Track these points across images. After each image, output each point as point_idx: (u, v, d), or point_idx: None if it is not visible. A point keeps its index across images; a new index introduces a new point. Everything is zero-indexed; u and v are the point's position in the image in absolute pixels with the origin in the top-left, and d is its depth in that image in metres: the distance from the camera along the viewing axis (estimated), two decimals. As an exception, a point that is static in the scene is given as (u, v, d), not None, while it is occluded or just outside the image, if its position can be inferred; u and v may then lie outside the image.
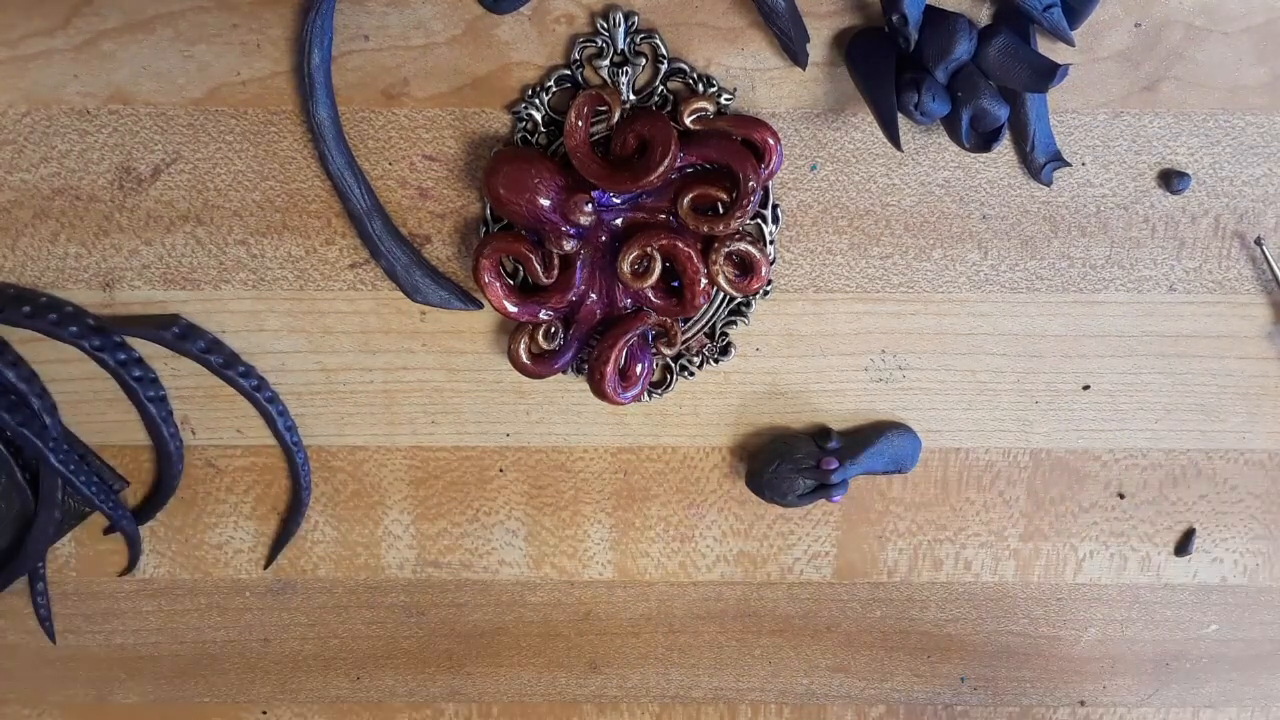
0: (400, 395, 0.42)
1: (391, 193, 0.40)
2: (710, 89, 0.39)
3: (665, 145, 0.38)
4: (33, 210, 0.40)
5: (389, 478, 0.44)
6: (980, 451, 0.43)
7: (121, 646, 0.46)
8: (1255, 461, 0.43)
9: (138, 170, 0.40)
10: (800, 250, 0.41)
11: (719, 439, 0.43)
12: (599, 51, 0.38)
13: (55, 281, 0.41)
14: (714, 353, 0.42)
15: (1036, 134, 0.39)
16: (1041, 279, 0.41)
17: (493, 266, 0.39)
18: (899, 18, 0.36)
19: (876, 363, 0.42)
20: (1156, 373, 0.42)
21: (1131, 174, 0.40)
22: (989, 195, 0.40)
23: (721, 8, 0.38)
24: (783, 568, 0.45)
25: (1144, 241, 0.41)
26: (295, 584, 0.45)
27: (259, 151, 0.40)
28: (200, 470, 0.43)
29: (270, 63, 0.39)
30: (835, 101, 0.39)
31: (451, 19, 0.39)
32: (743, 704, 0.46)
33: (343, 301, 0.41)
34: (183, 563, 0.45)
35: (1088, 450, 0.43)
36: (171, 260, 0.41)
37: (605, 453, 0.43)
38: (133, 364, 0.41)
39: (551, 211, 0.38)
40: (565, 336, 0.41)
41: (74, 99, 0.39)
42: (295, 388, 0.42)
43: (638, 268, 0.39)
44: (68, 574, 0.45)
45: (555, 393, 0.43)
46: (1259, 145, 0.40)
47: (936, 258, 0.41)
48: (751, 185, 0.38)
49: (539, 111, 0.39)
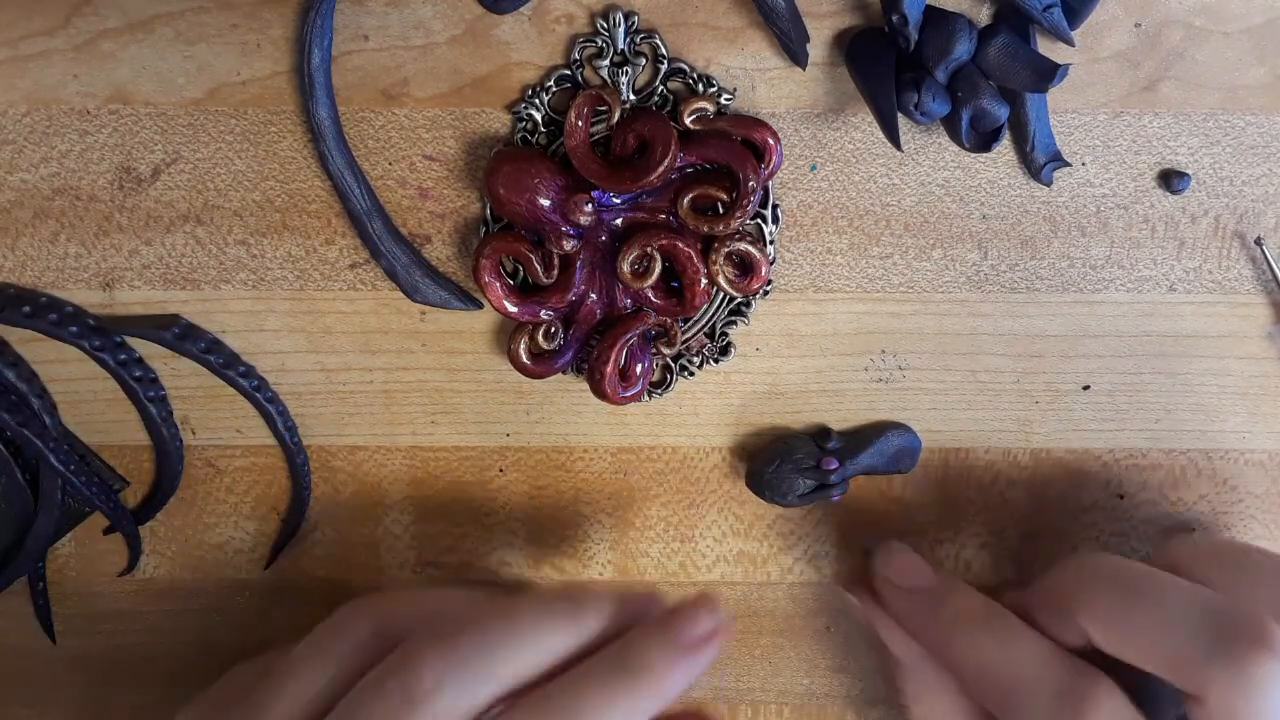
0: (400, 395, 0.42)
1: (391, 193, 0.40)
2: (710, 89, 0.39)
3: (665, 145, 0.38)
4: (33, 210, 0.40)
5: (389, 478, 0.44)
6: (980, 451, 0.43)
7: (121, 646, 0.46)
8: (1255, 461, 0.43)
9: (138, 170, 0.40)
10: (800, 250, 0.41)
11: (719, 439, 0.43)
12: (599, 51, 0.38)
13: (55, 281, 0.41)
14: (714, 353, 0.42)
15: (1036, 134, 0.39)
16: (1041, 279, 0.41)
17: (493, 266, 0.39)
18: (899, 18, 0.36)
19: (876, 363, 0.42)
20: (1156, 373, 0.42)
21: (1131, 174, 0.40)
22: (989, 195, 0.40)
23: (721, 8, 0.38)
24: (783, 568, 0.45)
25: (1144, 241, 0.41)
26: (295, 584, 0.45)
27: (259, 151, 0.40)
28: (200, 470, 0.43)
29: (270, 63, 0.39)
30: (835, 101, 0.39)
31: (451, 19, 0.39)
32: (742, 704, 0.46)
33: (343, 301, 0.41)
34: (183, 563, 0.45)
35: (1088, 450, 0.43)
36: (171, 260, 0.41)
37: (605, 453, 0.43)
38: (133, 364, 0.41)
39: (551, 211, 0.38)
40: (565, 336, 0.41)
41: (74, 99, 0.39)
42: (295, 388, 0.42)
43: (638, 268, 0.39)
44: (68, 574, 0.45)
45: (555, 393, 0.43)
46: (1259, 145, 0.40)
47: (936, 258, 0.41)
48: (751, 185, 0.38)
49: (539, 111, 0.39)
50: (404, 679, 0.33)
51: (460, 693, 0.32)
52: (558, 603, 0.35)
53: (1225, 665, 0.32)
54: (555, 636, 0.34)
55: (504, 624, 0.34)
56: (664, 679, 0.33)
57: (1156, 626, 0.34)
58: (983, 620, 0.37)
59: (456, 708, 0.32)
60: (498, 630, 0.34)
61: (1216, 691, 0.33)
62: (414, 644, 0.33)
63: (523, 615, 0.34)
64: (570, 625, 0.34)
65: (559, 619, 0.34)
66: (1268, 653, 0.32)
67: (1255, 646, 0.32)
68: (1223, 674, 0.32)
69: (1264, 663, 0.32)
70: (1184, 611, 0.34)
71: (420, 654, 0.33)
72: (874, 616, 0.41)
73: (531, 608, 0.34)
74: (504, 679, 0.33)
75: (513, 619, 0.34)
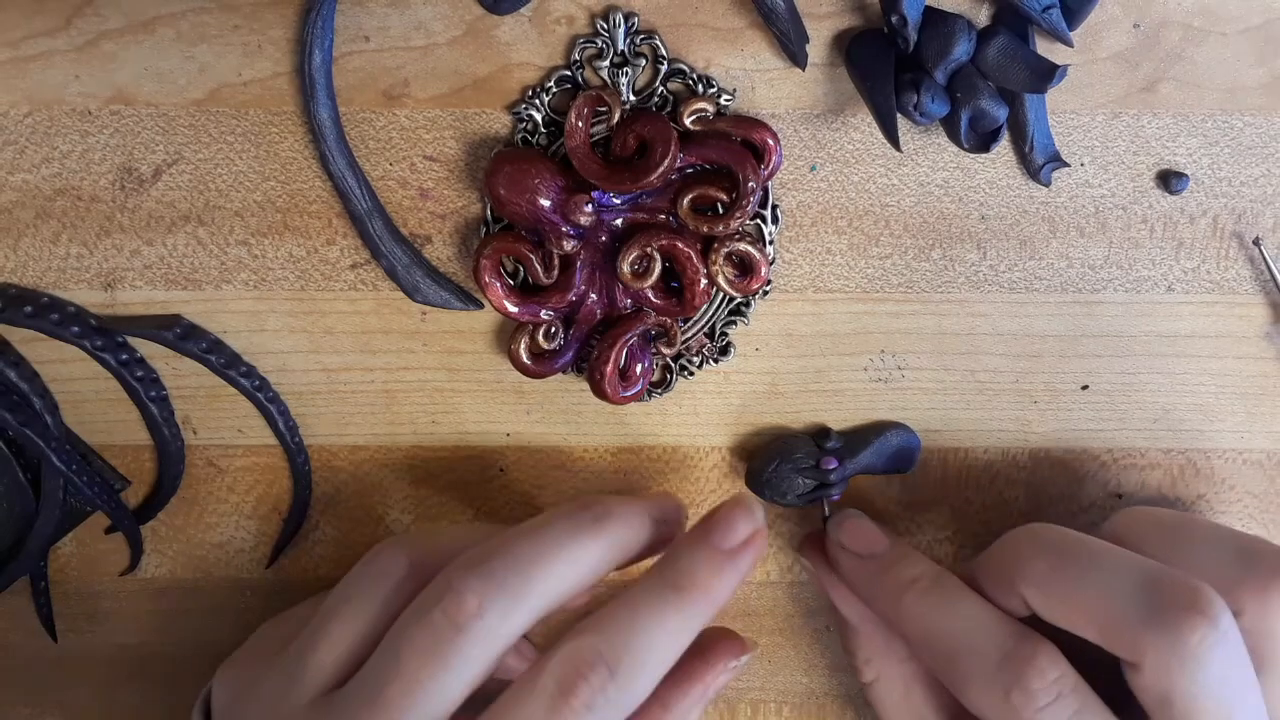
0: (401, 395, 0.43)
1: (392, 193, 0.40)
2: (710, 90, 0.39)
3: (665, 146, 0.38)
4: (34, 211, 0.40)
5: (389, 477, 0.44)
6: (979, 451, 0.43)
7: (122, 646, 0.46)
8: (1254, 461, 0.43)
9: (139, 171, 0.40)
10: (800, 250, 0.41)
11: (719, 439, 0.43)
12: (599, 52, 0.38)
13: (57, 282, 0.41)
14: (714, 353, 0.42)
15: (1035, 134, 0.39)
16: (1040, 279, 0.41)
17: (493, 266, 0.39)
18: (898, 18, 0.36)
19: (876, 363, 0.42)
20: (1154, 373, 0.42)
21: (1130, 174, 0.40)
22: (988, 195, 0.40)
23: (721, 8, 0.38)
24: (782, 567, 0.45)
25: (1142, 242, 0.41)
26: (297, 584, 0.45)
27: (260, 152, 0.40)
28: (201, 470, 0.44)
29: (271, 63, 0.39)
30: (835, 102, 0.39)
31: (452, 20, 0.39)
32: (742, 703, 0.46)
33: (344, 302, 0.41)
34: (184, 562, 0.45)
35: (1086, 450, 0.43)
36: (173, 260, 0.41)
37: (605, 452, 0.43)
38: (134, 364, 0.41)
39: (551, 212, 0.38)
40: (565, 336, 0.41)
41: (75, 100, 0.39)
42: (296, 388, 0.42)
43: (638, 268, 0.39)
44: (69, 574, 0.45)
45: (555, 393, 0.43)
46: (1257, 146, 0.40)
47: (935, 258, 0.41)
48: (751, 185, 0.38)
49: (539, 112, 0.39)
50: (446, 606, 0.33)
51: (503, 615, 0.33)
52: (581, 515, 0.35)
53: (1161, 631, 0.33)
54: (585, 550, 0.35)
55: (533, 543, 0.35)
56: (712, 591, 0.34)
57: (1093, 593, 0.34)
58: (930, 586, 0.37)
59: (500, 630, 0.33)
60: (528, 550, 0.34)
61: (1153, 657, 0.33)
62: (452, 572, 0.34)
63: (549, 532, 0.35)
64: (597, 537, 0.35)
65: (584, 532, 0.35)
66: (1202, 618, 0.32)
67: (1190, 612, 0.32)
68: (1159, 639, 0.33)
69: (1199, 628, 0.32)
70: (1121, 578, 0.34)
71: (461, 580, 0.34)
72: (825, 580, 0.41)
73: (557, 524, 0.35)
74: (542, 598, 0.34)
75: (540, 538, 0.35)
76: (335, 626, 0.35)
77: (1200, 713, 0.33)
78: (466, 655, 0.33)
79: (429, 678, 0.33)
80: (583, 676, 0.32)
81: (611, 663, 0.33)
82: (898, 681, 0.40)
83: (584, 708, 0.32)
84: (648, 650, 0.33)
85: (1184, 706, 0.33)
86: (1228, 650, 0.33)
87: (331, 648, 0.35)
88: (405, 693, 0.33)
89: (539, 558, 0.34)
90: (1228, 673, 0.33)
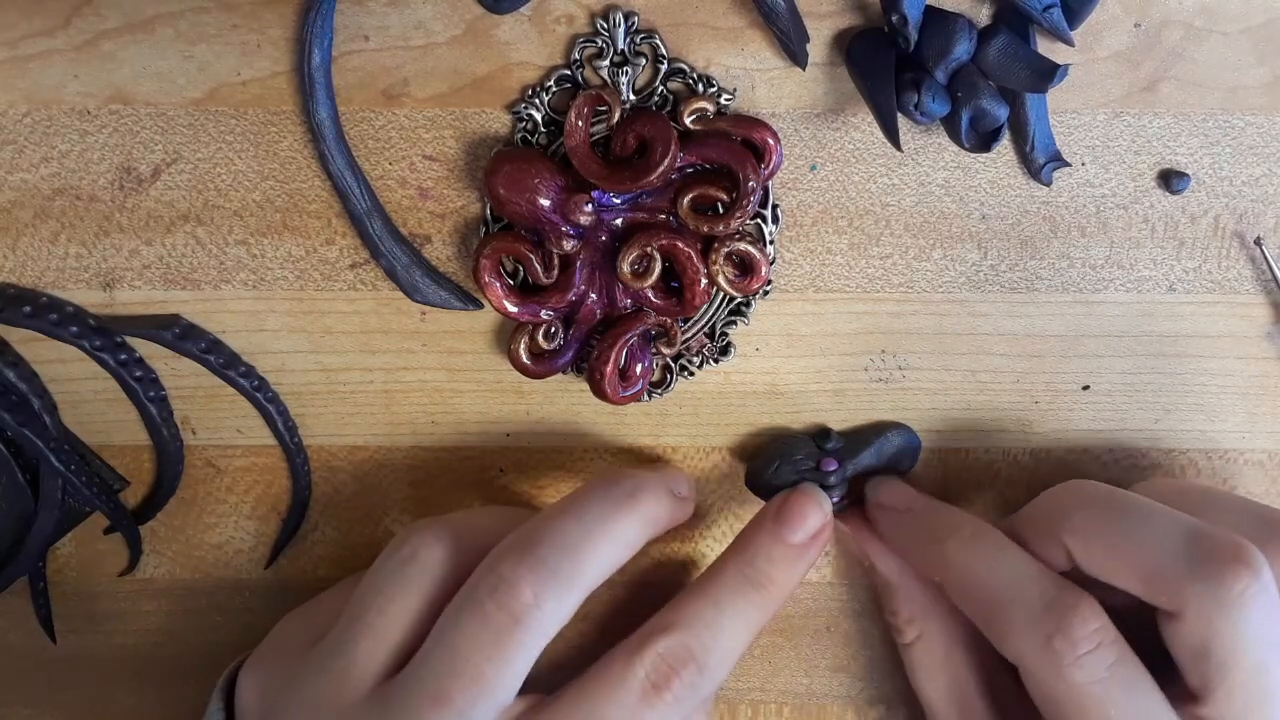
0: (400, 395, 0.42)
1: (391, 193, 0.40)
2: (710, 89, 0.39)
3: (665, 145, 0.38)
4: (33, 210, 0.40)
5: (389, 478, 0.44)
6: (980, 451, 0.43)
7: (122, 646, 0.46)
8: (1255, 461, 0.43)
9: (138, 170, 0.40)
10: (800, 250, 0.41)
11: (719, 439, 0.43)
12: (599, 52, 0.38)
13: (55, 281, 0.41)
14: (714, 353, 0.42)
15: (1036, 134, 0.39)
16: (1041, 279, 0.41)
17: (493, 266, 0.39)
18: (899, 18, 0.36)
19: (876, 363, 0.42)
20: (1156, 373, 0.42)
21: (1131, 174, 0.40)
22: (988, 195, 0.40)
23: (721, 8, 0.38)
24: (783, 568, 0.45)
25: (1143, 241, 0.41)
26: (296, 584, 0.45)
27: (259, 152, 0.40)
28: (201, 470, 0.44)
29: (270, 63, 0.39)
30: (835, 101, 0.39)
31: (451, 19, 0.39)
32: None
33: (343, 301, 0.41)
34: (183, 563, 0.45)
35: (1087, 450, 0.43)
36: (172, 260, 0.41)
37: (605, 453, 0.43)
38: (133, 364, 0.41)
39: (551, 211, 0.38)
40: (565, 336, 0.41)
41: (74, 99, 0.39)
42: (295, 388, 0.42)
43: (638, 268, 0.39)
44: (68, 574, 0.45)
45: (555, 393, 0.43)
46: (1258, 145, 0.40)
47: (936, 258, 0.41)
48: (751, 185, 0.38)
49: (539, 112, 0.39)
50: (501, 598, 0.34)
51: (558, 602, 0.34)
52: (614, 491, 0.36)
53: (1205, 580, 0.33)
54: (625, 529, 0.36)
55: (576, 525, 0.35)
56: (788, 586, 0.37)
57: (1137, 544, 0.34)
58: (973, 535, 0.38)
59: (556, 617, 0.34)
60: (575, 533, 0.35)
61: (1195, 605, 0.33)
62: (499, 561, 0.35)
63: (590, 512, 0.36)
64: (632, 513, 0.36)
65: (622, 509, 0.36)
66: (1246, 569, 0.33)
67: (1234, 563, 0.33)
68: (1203, 589, 0.33)
69: (1242, 577, 0.33)
70: (1165, 531, 0.34)
71: (512, 570, 0.34)
72: (865, 541, 0.42)
73: (594, 503, 0.36)
74: (592, 580, 0.35)
75: (582, 519, 0.36)
76: (375, 619, 0.35)
77: (1237, 663, 0.33)
78: (525, 645, 0.34)
79: (493, 672, 0.33)
80: (675, 673, 0.34)
81: (701, 660, 0.35)
82: (939, 641, 0.41)
83: (674, 700, 0.34)
84: (732, 644, 0.36)
85: (1221, 657, 0.33)
86: (1268, 602, 0.33)
87: (377, 640, 0.35)
88: (468, 687, 0.33)
89: (585, 539, 0.35)
90: (1267, 624, 0.33)
